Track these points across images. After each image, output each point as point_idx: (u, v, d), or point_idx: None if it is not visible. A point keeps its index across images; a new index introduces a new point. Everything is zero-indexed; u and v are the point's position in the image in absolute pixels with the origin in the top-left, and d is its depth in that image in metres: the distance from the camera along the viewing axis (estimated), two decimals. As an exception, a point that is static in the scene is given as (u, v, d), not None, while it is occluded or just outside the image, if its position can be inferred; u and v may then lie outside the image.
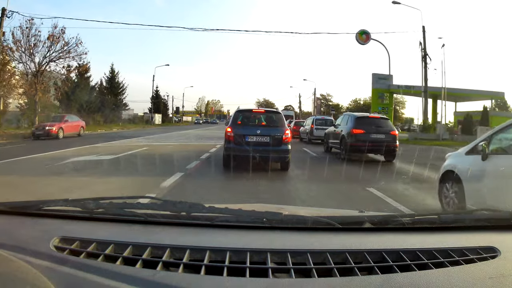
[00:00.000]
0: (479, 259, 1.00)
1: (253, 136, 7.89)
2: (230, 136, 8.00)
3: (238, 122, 8.37)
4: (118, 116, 43.23)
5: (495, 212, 1.37)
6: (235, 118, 8.58)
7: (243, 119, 8.58)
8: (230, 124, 8.50)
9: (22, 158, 9.93)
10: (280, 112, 9.14)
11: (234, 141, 7.90)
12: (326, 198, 5.79)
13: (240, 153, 7.87)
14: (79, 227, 1.17)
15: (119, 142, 16.84)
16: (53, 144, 14.54)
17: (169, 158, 10.72)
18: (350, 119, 11.77)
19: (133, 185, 6.40)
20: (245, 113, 8.97)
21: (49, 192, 5.57)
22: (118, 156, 10.47)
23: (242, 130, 8.04)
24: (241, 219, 1.19)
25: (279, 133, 8.03)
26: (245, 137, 7.88)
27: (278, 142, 7.95)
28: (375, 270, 0.92)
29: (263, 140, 7.93)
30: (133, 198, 1.45)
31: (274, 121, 8.55)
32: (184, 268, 0.91)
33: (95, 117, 35.34)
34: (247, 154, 7.65)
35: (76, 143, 15.40)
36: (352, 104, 73.27)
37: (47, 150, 12.07)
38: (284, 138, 7.98)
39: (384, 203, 5.34)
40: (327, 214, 1.36)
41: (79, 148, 13.21)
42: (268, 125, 8.51)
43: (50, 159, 9.68)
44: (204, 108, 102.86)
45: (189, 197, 5.29)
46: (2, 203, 1.32)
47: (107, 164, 9.15)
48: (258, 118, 8.89)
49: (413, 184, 7.20)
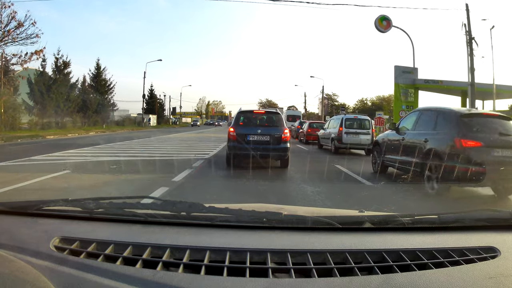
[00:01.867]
0: (479, 259, 1.00)
1: (254, 135, 8.49)
2: (233, 136, 8.55)
3: (240, 123, 8.91)
4: (105, 117, 38.71)
5: (495, 212, 1.37)
6: (237, 119, 9.16)
7: (244, 120, 9.11)
8: (232, 124, 9.07)
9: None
10: (279, 113, 9.64)
11: (237, 140, 8.45)
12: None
13: (242, 151, 8.44)
14: (79, 227, 1.17)
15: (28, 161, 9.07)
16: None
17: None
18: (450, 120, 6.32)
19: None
20: (247, 114, 9.49)
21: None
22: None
23: (244, 130, 8.62)
24: (241, 219, 1.19)
25: (279, 132, 8.59)
26: (246, 136, 8.47)
27: (278, 141, 8.51)
28: (375, 270, 0.92)
29: (264, 139, 8.50)
30: (133, 198, 1.45)
31: (273, 121, 9.12)
32: (184, 268, 0.91)
33: (75, 119, 31.58)
34: (249, 152, 8.24)
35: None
36: (359, 104, 70.38)
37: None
38: (283, 137, 8.54)
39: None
40: (327, 214, 1.36)
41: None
42: (268, 125, 9.07)
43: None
44: (205, 109, 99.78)
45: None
46: (2, 203, 1.32)
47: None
48: (259, 118, 9.45)
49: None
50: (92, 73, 40.29)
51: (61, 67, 32.71)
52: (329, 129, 14.85)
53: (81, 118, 32.96)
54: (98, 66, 40.58)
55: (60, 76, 32.11)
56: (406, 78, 24.46)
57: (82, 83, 37.78)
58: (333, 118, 16.70)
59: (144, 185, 6.27)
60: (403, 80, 24.44)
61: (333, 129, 14.19)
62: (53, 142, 16.95)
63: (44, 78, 30.01)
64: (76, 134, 23.82)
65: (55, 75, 31.83)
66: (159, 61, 48.11)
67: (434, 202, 5.62)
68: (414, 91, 24.83)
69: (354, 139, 13.31)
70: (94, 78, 40.01)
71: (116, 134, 26.77)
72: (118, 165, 8.69)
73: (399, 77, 24.43)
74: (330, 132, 14.32)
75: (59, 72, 32.34)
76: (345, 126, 13.45)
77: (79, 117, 32.52)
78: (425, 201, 5.70)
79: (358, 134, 13.47)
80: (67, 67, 33.27)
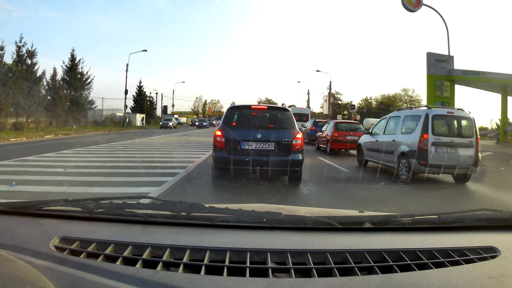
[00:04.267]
0: (479, 259, 1.00)
1: (252, 142, 6.00)
2: (220, 142, 6.07)
3: (232, 124, 6.42)
4: (80, 116, 33.52)
5: (495, 212, 1.37)
6: (227, 118, 6.50)
7: (238, 119, 6.59)
8: (221, 125, 6.38)
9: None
10: (288, 109, 6.91)
11: (226, 149, 6.02)
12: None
13: (234, 166, 5.90)
14: (79, 227, 1.17)
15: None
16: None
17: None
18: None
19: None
20: (242, 110, 6.81)
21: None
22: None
23: (237, 134, 6.07)
24: (241, 219, 1.19)
25: (288, 138, 6.07)
26: (240, 143, 5.99)
27: (287, 150, 6.03)
28: (375, 270, 0.92)
29: (266, 147, 6.03)
30: (133, 198, 1.45)
31: (280, 121, 6.57)
32: (184, 268, 0.91)
33: (38, 119, 27.19)
34: (244, 166, 5.90)
35: None
36: (362, 103, 66.37)
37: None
38: (295, 145, 6.06)
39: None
40: (327, 214, 1.36)
41: None
42: (272, 126, 6.51)
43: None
44: (202, 108, 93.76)
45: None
46: (2, 203, 1.32)
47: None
48: (259, 117, 6.88)
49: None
50: (66, 65, 34.09)
51: (23, 57, 27.76)
52: (385, 135, 8.84)
53: (49, 118, 28.81)
54: (73, 58, 34.44)
55: (23, 67, 27.20)
56: (442, 68, 20.10)
57: (52, 76, 32.67)
58: (395, 115, 9.12)
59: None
60: (437, 70, 19.98)
61: (400, 135, 8.20)
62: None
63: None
64: (24, 138, 18.76)
65: (16, 67, 26.87)
66: (144, 51, 40.39)
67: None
68: (450, 84, 20.55)
69: (451, 156, 7.33)
70: (68, 72, 33.95)
71: (74, 138, 21.05)
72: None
73: (433, 66, 19.94)
74: (395, 141, 8.15)
75: (21, 63, 27.43)
76: (433, 131, 7.39)
77: (43, 116, 28.11)
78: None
79: (455, 147, 7.39)
80: (32, 57, 28.27)
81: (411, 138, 7.71)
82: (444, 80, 20.54)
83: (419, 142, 7.38)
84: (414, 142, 7.52)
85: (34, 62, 28.75)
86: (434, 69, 20.15)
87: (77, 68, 34.58)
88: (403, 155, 7.75)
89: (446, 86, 20.63)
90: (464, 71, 20.82)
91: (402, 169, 7.72)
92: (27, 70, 27.64)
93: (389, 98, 65.56)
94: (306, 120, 22.88)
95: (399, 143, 8.06)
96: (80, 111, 33.81)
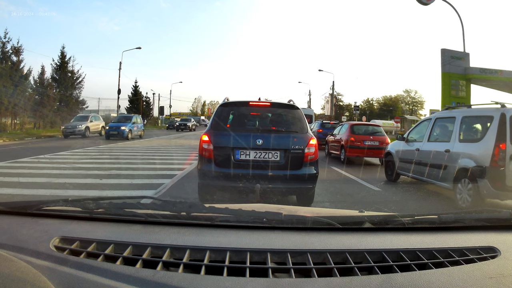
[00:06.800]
0: (479, 259, 1.00)
1: (250, 150, 4.47)
2: (207, 151, 4.53)
3: (224, 126, 4.79)
4: (70, 117, 28.95)
5: (495, 212, 1.37)
6: (218, 118, 4.85)
7: (232, 120, 5.04)
8: (208, 128, 4.78)
9: None
10: (297, 107, 5.11)
11: (215, 160, 4.49)
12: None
13: (226, 182, 4.48)
14: (79, 227, 1.17)
15: None
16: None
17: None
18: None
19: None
20: (236, 108, 5.18)
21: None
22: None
23: (230, 139, 4.52)
24: (241, 219, 1.19)
25: (299, 145, 4.54)
26: (235, 151, 4.48)
27: (297, 161, 4.50)
28: (375, 270, 0.92)
29: (269, 157, 4.48)
30: (133, 198, 1.45)
31: (288, 122, 5.00)
32: (184, 268, 0.91)
33: (23, 119, 26.23)
34: (239, 184, 4.39)
35: None
36: (364, 105, 65.47)
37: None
38: (307, 154, 4.52)
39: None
40: (327, 214, 1.36)
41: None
42: (277, 129, 4.94)
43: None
44: (201, 109, 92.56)
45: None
46: (2, 203, 1.32)
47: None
48: (260, 117, 5.43)
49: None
50: (56, 63, 32.45)
51: (7, 54, 26.32)
52: (431, 142, 6.85)
53: (35, 118, 27.63)
54: (63, 56, 32.67)
55: (7, 64, 25.66)
56: (457, 66, 18.84)
57: (40, 74, 31.12)
58: (445, 115, 6.99)
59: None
60: (453, 68, 18.70)
61: (458, 144, 6.00)
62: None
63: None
64: (0, 141, 16.84)
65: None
66: (138, 48, 37.26)
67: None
68: (466, 83, 19.14)
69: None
70: (57, 70, 32.28)
71: (54, 141, 18.36)
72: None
73: (448, 63, 18.57)
74: (451, 152, 5.98)
75: (6, 60, 26.09)
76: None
77: (30, 116, 26.89)
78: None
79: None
80: (19, 54, 26.86)
81: (478, 148, 5.44)
82: (460, 79, 19.12)
83: (492, 156, 5.09)
84: (483, 155, 5.26)
85: (20, 59, 27.44)
86: (449, 67, 18.76)
87: (67, 66, 32.94)
88: (464, 172, 5.52)
89: (461, 85, 19.14)
90: (481, 69, 19.43)
91: (462, 192, 5.55)
92: (12, 67, 26.18)
93: (391, 100, 65.39)
94: (310, 121, 20.24)
95: (456, 155, 5.79)
96: (70, 111, 31.09)
